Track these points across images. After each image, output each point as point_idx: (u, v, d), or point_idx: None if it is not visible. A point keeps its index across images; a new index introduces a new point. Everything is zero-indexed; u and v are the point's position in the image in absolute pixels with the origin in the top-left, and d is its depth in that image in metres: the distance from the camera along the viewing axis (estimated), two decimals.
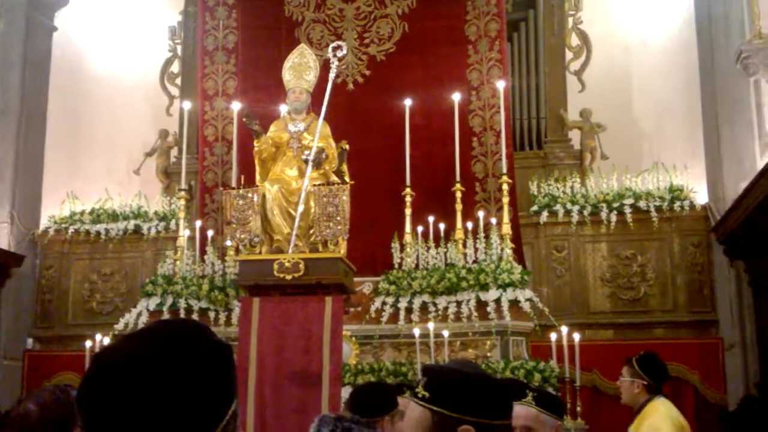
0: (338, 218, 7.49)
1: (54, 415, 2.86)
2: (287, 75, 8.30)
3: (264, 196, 7.78)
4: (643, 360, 5.03)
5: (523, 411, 3.54)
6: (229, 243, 8.73)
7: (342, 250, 7.75)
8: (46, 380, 10.41)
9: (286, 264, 7.39)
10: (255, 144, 8.11)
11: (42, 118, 11.63)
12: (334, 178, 8.02)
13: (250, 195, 7.73)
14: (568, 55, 11.82)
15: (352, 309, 8.71)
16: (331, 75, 8.04)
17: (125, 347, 1.33)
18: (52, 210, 11.47)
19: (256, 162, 8.19)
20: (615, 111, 11.66)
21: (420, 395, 1.97)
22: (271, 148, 8.12)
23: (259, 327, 7.30)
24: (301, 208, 7.58)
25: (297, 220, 7.55)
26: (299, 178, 7.83)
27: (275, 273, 7.38)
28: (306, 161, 7.76)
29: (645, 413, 4.89)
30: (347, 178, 8.29)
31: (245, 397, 7.22)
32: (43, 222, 11.40)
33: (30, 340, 11.06)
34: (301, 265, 7.37)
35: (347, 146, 8.39)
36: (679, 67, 11.25)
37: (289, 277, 7.36)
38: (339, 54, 8.13)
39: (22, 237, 11.05)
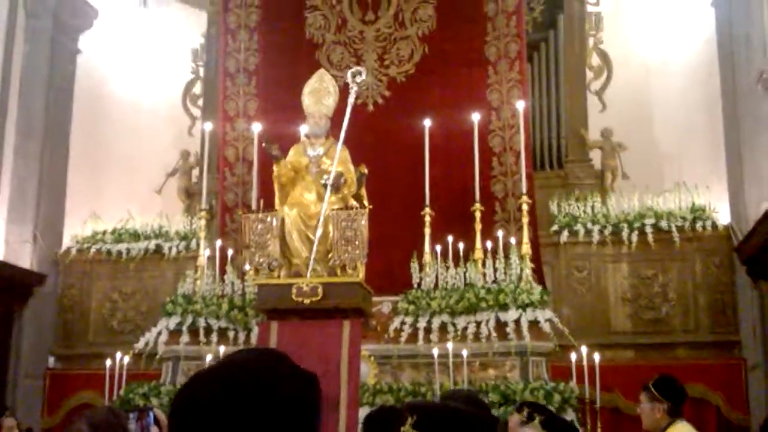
0: (357, 242, 7.49)
1: None
2: (306, 100, 8.35)
3: (283, 220, 7.80)
4: (660, 383, 4.95)
5: None
6: (248, 267, 8.75)
7: (360, 274, 7.74)
8: (66, 399, 10.50)
9: (305, 288, 7.39)
10: (274, 168, 8.15)
11: (65, 139, 11.78)
12: (353, 202, 8.02)
13: (269, 219, 7.75)
14: (589, 75, 11.84)
15: (372, 324, 8.69)
16: (350, 100, 8.06)
17: (221, 374, 1.38)
18: (75, 230, 11.58)
19: (275, 186, 8.22)
20: (636, 131, 11.63)
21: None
22: (290, 173, 8.15)
23: None
24: (319, 232, 7.58)
25: (315, 244, 7.56)
26: (318, 203, 7.84)
27: (293, 297, 7.38)
28: (325, 186, 7.78)
29: None
30: (366, 203, 8.30)
31: None
32: (66, 242, 11.52)
33: (51, 359, 11.14)
34: (320, 290, 7.37)
35: (366, 170, 8.40)
36: (700, 87, 11.21)
37: (307, 301, 7.36)
38: (358, 79, 8.16)
39: (45, 257, 11.16)
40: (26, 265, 10.84)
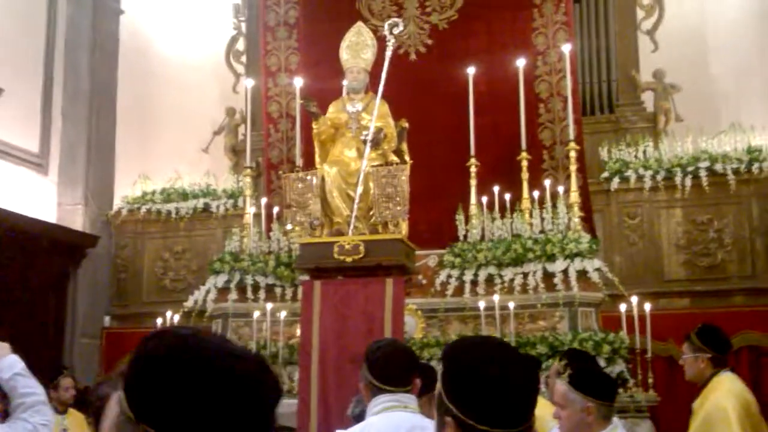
0: (398, 199, 7.39)
1: None
2: (344, 54, 8.21)
3: (323, 178, 7.72)
4: (703, 333, 4.78)
5: (557, 387, 3.45)
6: (289, 227, 8.73)
7: (402, 230, 7.66)
8: (122, 357, 10.69)
9: (346, 246, 7.34)
10: (314, 126, 8.06)
11: (112, 100, 11.83)
12: (393, 157, 7.90)
13: (309, 178, 7.69)
14: (640, 14, 11.43)
15: (418, 279, 8.62)
16: (388, 53, 7.90)
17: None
18: (125, 191, 11.69)
19: (316, 144, 8.15)
20: (690, 71, 11.23)
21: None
22: (329, 130, 8.05)
23: (321, 310, 7.30)
24: (360, 189, 7.50)
25: (356, 201, 7.48)
26: (358, 159, 7.75)
27: (335, 256, 7.35)
28: (365, 141, 7.66)
29: (710, 388, 4.66)
30: (407, 158, 8.17)
31: (308, 379, 7.24)
32: (116, 203, 11.64)
33: (107, 318, 11.35)
34: (361, 247, 7.31)
35: (407, 124, 8.25)
36: (756, 23, 10.76)
37: (349, 260, 7.32)
38: (396, 31, 8.00)
39: (96, 218, 11.30)
40: (79, 227, 11.00)
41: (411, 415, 3.32)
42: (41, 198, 10.72)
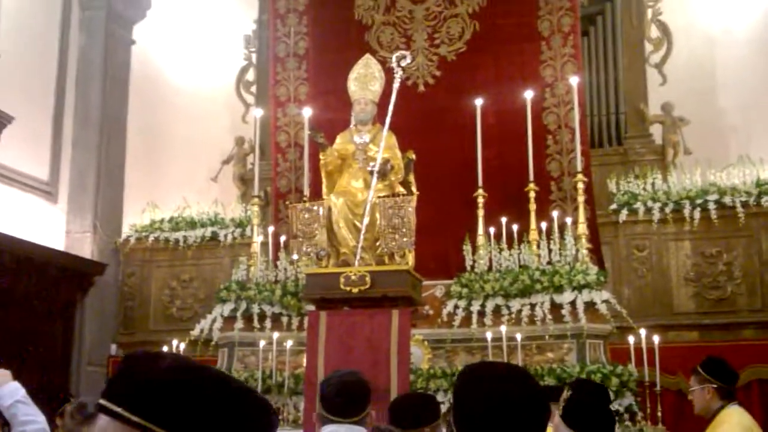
0: (404, 230, 7.38)
1: None
2: (352, 86, 8.25)
3: (330, 209, 7.73)
4: (709, 364, 4.78)
5: (554, 418, 3.33)
6: (296, 257, 8.75)
7: (409, 261, 7.64)
8: None
9: (353, 277, 7.33)
10: (321, 157, 8.08)
11: (122, 129, 11.92)
12: (400, 189, 7.91)
13: (315, 208, 7.70)
14: (648, 47, 11.49)
15: (425, 309, 8.59)
16: (396, 85, 7.93)
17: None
18: (133, 219, 11.73)
19: (323, 174, 8.17)
20: (698, 104, 11.25)
21: None
22: (336, 160, 8.07)
23: (326, 340, 7.27)
24: (366, 220, 7.50)
25: (362, 232, 7.47)
26: (365, 190, 7.75)
27: (342, 286, 7.33)
28: (371, 172, 7.67)
29: (717, 421, 4.62)
30: (414, 189, 8.18)
31: (314, 410, 7.18)
32: (125, 231, 11.68)
33: (114, 346, 11.33)
34: (368, 278, 7.29)
35: (414, 156, 8.28)
36: (764, 56, 10.78)
37: (355, 290, 7.30)
38: (403, 63, 8.04)
39: (105, 246, 11.33)
40: (87, 255, 11.03)
41: None
42: (50, 225, 10.77)
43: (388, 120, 7.77)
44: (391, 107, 7.81)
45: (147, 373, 1.17)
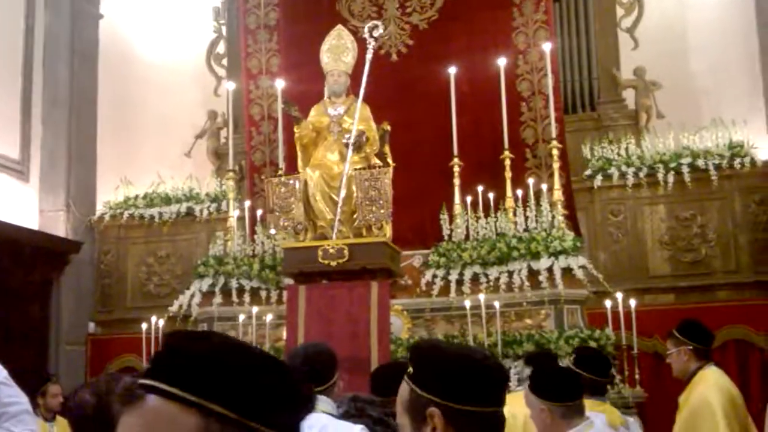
0: (381, 202, 7.38)
1: (108, 405, 2.85)
2: (325, 58, 8.18)
3: (306, 182, 7.69)
4: (684, 327, 4.87)
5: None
6: (273, 231, 8.72)
7: (387, 233, 7.65)
8: (108, 363, 10.64)
9: (331, 250, 7.33)
10: (295, 130, 8.03)
11: (92, 106, 11.76)
12: (376, 160, 7.89)
13: (291, 182, 7.67)
14: (619, 11, 11.45)
15: (404, 279, 8.62)
16: (369, 56, 7.87)
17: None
18: (107, 196, 11.61)
19: (298, 148, 8.12)
20: (670, 67, 11.25)
21: (408, 371, 1.93)
22: (311, 133, 8.02)
23: (306, 314, 7.28)
24: (343, 192, 7.48)
25: (339, 205, 7.45)
26: (341, 163, 7.73)
27: (320, 260, 7.33)
28: (347, 145, 7.63)
29: (694, 382, 4.70)
30: (390, 160, 8.17)
31: None
32: (99, 208, 11.56)
33: (92, 325, 11.27)
34: (346, 251, 7.30)
35: (389, 127, 8.25)
36: (736, 19, 10.80)
37: (334, 264, 7.31)
38: (376, 34, 7.98)
39: (79, 224, 11.22)
40: (61, 234, 10.92)
41: (319, 414, 3.35)
42: (23, 205, 10.64)
43: (362, 92, 7.73)
44: (364, 79, 7.77)
45: (197, 351, 1.12)
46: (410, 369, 1.91)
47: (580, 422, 3.38)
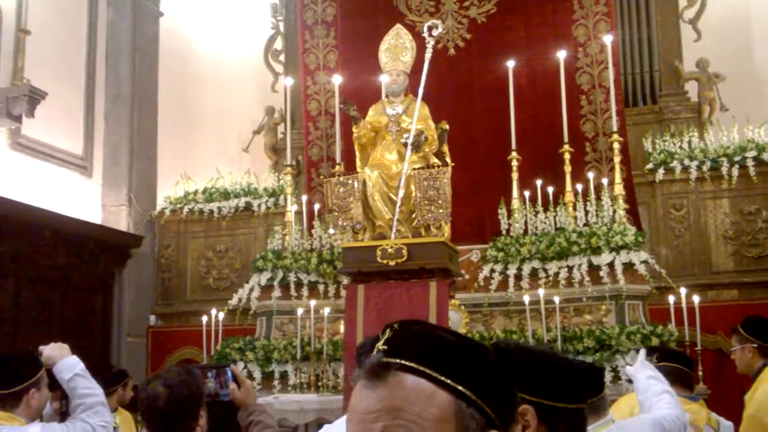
0: (440, 201, 7.32)
1: (181, 395, 2.89)
2: (383, 57, 8.16)
3: (364, 182, 7.68)
4: (748, 323, 4.75)
5: None
6: (332, 231, 8.76)
7: (445, 233, 7.60)
8: (168, 355, 10.80)
9: (389, 250, 7.30)
10: (354, 130, 8.02)
11: (153, 102, 11.94)
12: (435, 160, 7.83)
13: (350, 182, 7.65)
14: (681, 3, 11.24)
15: (461, 273, 8.57)
16: (427, 55, 7.81)
17: None
18: (167, 191, 11.78)
19: (356, 147, 8.10)
20: (734, 59, 11.02)
21: None
22: (370, 133, 8.00)
23: (364, 313, 7.27)
24: (401, 192, 7.44)
25: (398, 205, 7.43)
26: (399, 162, 7.68)
27: (378, 259, 7.30)
28: (405, 144, 7.61)
29: (760, 379, 4.58)
30: (448, 159, 8.11)
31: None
32: (159, 203, 11.73)
33: (152, 317, 11.44)
34: (404, 251, 7.26)
35: (447, 126, 8.19)
36: None
37: (392, 263, 7.27)
38: (435, 33, 7.91)
39: (140, 219, 11.41)
40: (123, 228, 11.12)
41: None
42: (86, 200, 10.85)
43: (420, 91, 7.67)
44: (423, 78, 7.71)
45: (448, 340, 1.23)
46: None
47: (596, 421, 3.29)
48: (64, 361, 3.51)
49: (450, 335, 1.24)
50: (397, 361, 1.20)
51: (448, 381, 1.17)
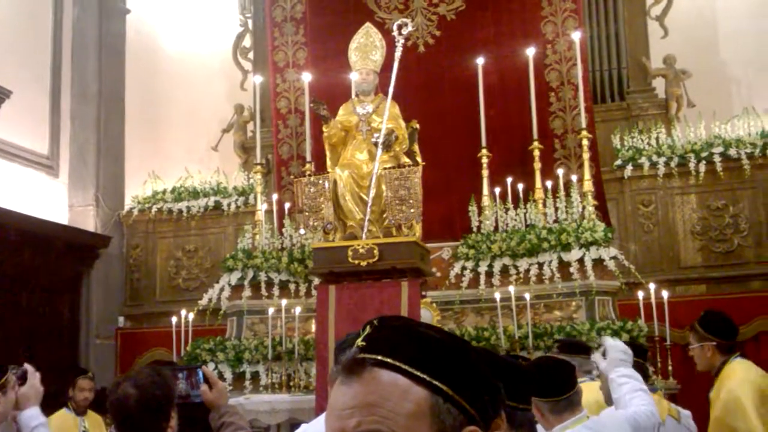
0: (411, 201, 7.30)
1: (152, 397, 2.86)
2: (353, 56, 8.12)
3: (335, 182, 7.65)
4: (706, 320, 4.64)
5: None
6: (303, 231, 8.72)
7: (416, 232, 7.59)
8: (138, 357, 10.70)
9: (361, 250, 7.28)
10: (324, 129, 7.98)
11: (120, 100, 11.81)
12: (406, 159, 7.82)
13: (321, 182, 7.61)
14: (649, 0, 11.31)
15: (433, 270, 8.57)
16: (397, 54, 7.79)
17: None
18: (135, 190, 11.67)
19: (326, 147, 8.07)
20: (701, 56, 11.12)
21: None
22: (340, 133, 7.96)
23: (336, 313, 7.24)
24: (372, 192, 7.41)
25: (369, 204, 7.40)
26: (370, 162, 7.66)
27: (350, 260, 7.28)
28: (376, 144, 7.58)
29: (722, 377, 4.52)
30: (419, 159, 8.10)
31: (325, 383, 7.19)
32: (127, 203, 11.62)
33: (121, 319, 11.33)
34: (376, 251, 7.24)
35: (418, 125, 8.18)
36: (766, 6, 10.62)
37: (363, 264, 7.25)
38: (404, 32, 7.89)
39: (108, 218, 11.29)
40: (90, 228, 10.99)
41: None
42: (52, 200, 10.72)
43: (390, 90, 7.65)
44: (393, 77, 7.69)
45: (427, 335, 1.23)
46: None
47: (571, 417, 3.31)
48: (26, 413, 3.47)
49: (430, 331, 1.24)
50: (373, 356, 1.20)
51: (424, 376, 1.17)
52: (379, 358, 1.20)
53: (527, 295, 7.91)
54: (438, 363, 1.19)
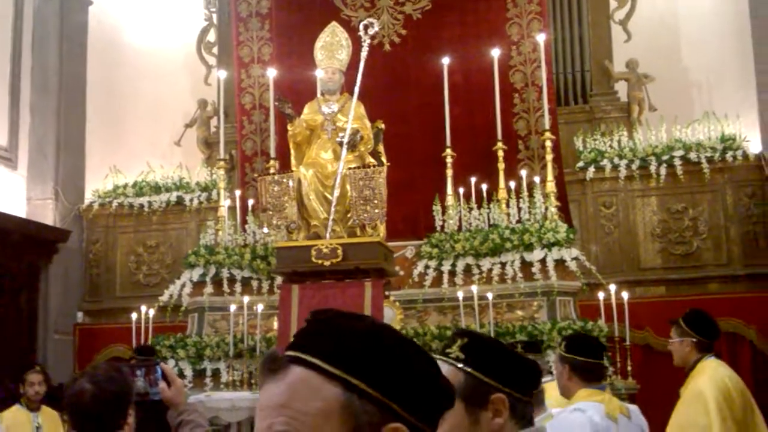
0: (375, 201, 7.31)
1: (109, 393, 2.82)
2: (319, 55, 8.08)
3: (299, 181, 7.61)
4: (690, 317, 4.79)
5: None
6: (266, 230, 8.68)
7: (381, 233, 7.59)
8: (96, 353, 10.56)
9: (324, 250, 7.26)
10: (288, 128, 7.94)
11: (81, 93, 11.65)
12: (370, 159, 7.82)
13: (285, 180, 7.58)
14: (612, 4, 11.43)
15: (396, 269, 8.58)
16: (363, 54, 7.78)
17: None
18: (96, 184, 11.51)
19: (291, 145, 8.04)
20: (663, 60, 11.25)
21: (454, 356, 1.94)
22: (305, 131, 7.93)
23: (299, 313, 7.22)
24: (337, 192, 7.40)
25: (333, 204, 7.38)
26: (335, 161, 7.64)
27: (313, 259, 7.26)
28: (341, 144, 7.55)
29: (694, 373, 4.67)
30: (384, 159, 8.10)
31: None
32: (87, 197, 11.46)
33: (80, 314, 11.18)
34: (339, 251, 7.23)
35: (383, 125, 8.18)
36: (729, 12, 10.80)
37: (327, 263, 7.24)
38: (371, 32, 7.89)
39: (68, 212, 11.13)
40: (49, 222, 10.83)
41: None
42: (10, 192, 10.54)
43: (356, 90, 7.64)
44: (359, 77, 7.68)
45: (347, 328, 1.17)
46: (461, 355, 1.92)
47: (538, 415, 3.33)
48: None
49: (360, 324, 1.17)
50: (289, 353, 1.16)
51: (337, 372, 1.11)
52: (295, 354, 1.15)
53: (490, 295, 7.95)
54: (359, 357, 1.12)
